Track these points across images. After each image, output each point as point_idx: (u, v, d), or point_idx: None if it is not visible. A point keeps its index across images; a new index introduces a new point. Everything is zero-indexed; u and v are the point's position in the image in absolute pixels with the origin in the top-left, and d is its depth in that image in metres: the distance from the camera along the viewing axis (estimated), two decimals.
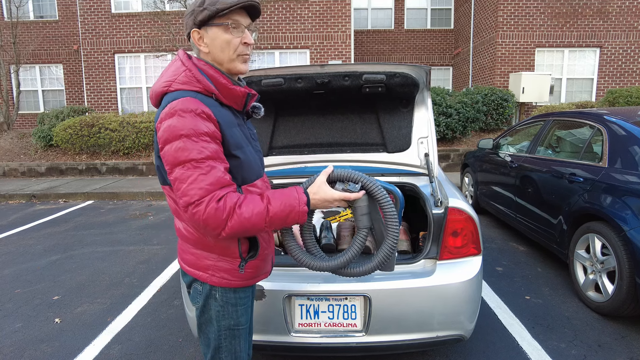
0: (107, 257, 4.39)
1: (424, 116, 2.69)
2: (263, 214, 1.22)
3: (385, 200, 1.35)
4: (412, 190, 2.53)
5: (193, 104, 1.20)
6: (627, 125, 3.13)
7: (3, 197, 7.56)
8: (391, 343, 2.01)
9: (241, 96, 1.34)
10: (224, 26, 1.28)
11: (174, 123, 1.18)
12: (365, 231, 1.37)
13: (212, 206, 1.16)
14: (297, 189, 1.30)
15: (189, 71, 1.28)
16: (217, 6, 1.25)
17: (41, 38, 13.43)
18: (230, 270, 1.35)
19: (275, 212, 1.23)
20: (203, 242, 1.33)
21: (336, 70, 2.35)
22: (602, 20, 10.96)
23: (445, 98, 9.22)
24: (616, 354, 2.48)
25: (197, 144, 1.18)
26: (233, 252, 1.34)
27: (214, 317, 1.38)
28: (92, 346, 2.72)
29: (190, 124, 1.18)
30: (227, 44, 1.29)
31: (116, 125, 9.18)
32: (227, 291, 1.37)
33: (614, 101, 9.35)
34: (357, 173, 1.35)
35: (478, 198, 5.50)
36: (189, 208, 1.18)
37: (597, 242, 2.98)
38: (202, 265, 1.35)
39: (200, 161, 1.17)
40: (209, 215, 1.16)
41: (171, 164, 1.19)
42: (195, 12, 1.28)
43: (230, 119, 1.30)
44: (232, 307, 1.38)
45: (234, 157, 1.28)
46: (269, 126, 2.80)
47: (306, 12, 11.46)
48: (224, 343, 1.40)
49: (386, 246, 1.39)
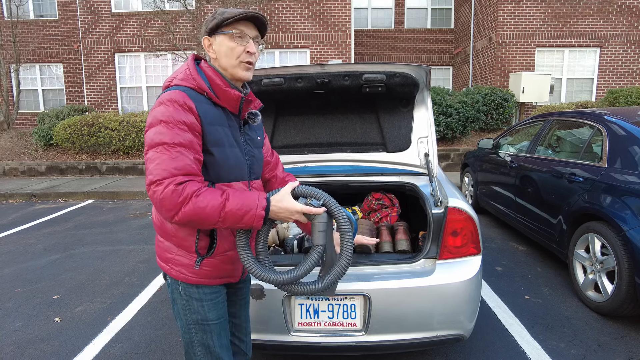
0: (107, 257, 4.40)
1: (424, 116, 2.69)
2: (219, 207, 1.25)
3: (344, 220, 1.38)
4: (412, 190, 2.53)
5: (179, 96, 1.29)
6: (626, 125, 3.14)
7: (3, 197, 7.56)
8: (391, 342, 2.01)
9: (235, 99, 1.40)
10: (229, 34, 1.37)
11: (159, 110, 1.28)
12: (320, 248, 1.36)
13: (170, 188, 1.21)
14: (260, 193, 1.33)
15: (188, 70, 1.39)
16: (224, 15, 1.36)
17: (41, 37, 13.43)
18: (187, 265, 1.40)
19: (231, 208, 1.26)
20: (164, 229, 1.40)
21: (336, 70, 2.35)
22: (602, 20, 10.96)
23: (445, 98, 9.22)
24: (615, 354, 2.48)
25: (172, 130, 1.26)
26: (189, 246, 1.38)
27: (181, 311, 1.44)
28: (92, 345, 2.72)
29: (171, 112, 1.27)
30: (230, 50, 1.38)
31: (116, 125, 9.18)
32: (189, 286, 1.42)
33: (614, 101, 9.35)
34: (320, 192, 1.39)
35: (478, 198, 5.51)
36: (151, 187, 1.23)
37: (596, 242, 2.99)
38: (165, 257, 1.43)
39: (171, 145, 1.25)
40: (165, 196, 1.22)
41: (147, 145, 1.28)
42: (208, 22, 1.40)
43: (217, 117, 1.37)
44: (197, 302, 1.42)
45: (209, 153, 1.34)
46: (269, 126, 2.81)
47: (306, 12, 11.45)
48: (196, 337, 1.44)
49: (338, 267, 1.40)
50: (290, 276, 1.36)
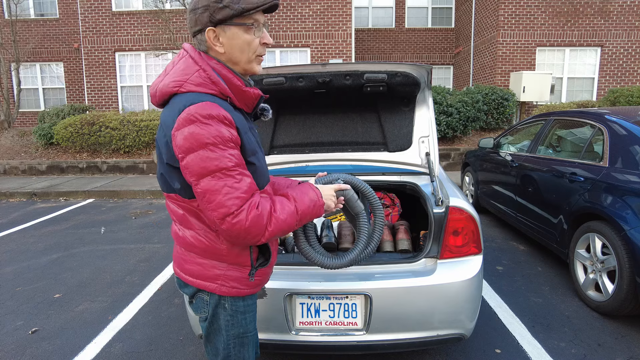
0: (108, 256, 4.40)
1: (425, 115, 2.69)
2: (294, 213, 1.24)
3: (365, 187, 1.60)
4: (413, 190, 2.53)
5: (214, 108, 1.12)
6: (627, 125, 3.13)
7: (4, 195, 7.56)
8: (392, 342, 2.01)
9: (254, 98, 1.28)
10: (246, 26, 1.20)
11: (196, 131, 1.10)
12: (364, 215, 1.55)
13: (254, 213, 1.14)
14: (309, 184, 1.35)
15: (203, 71, 1.19)
16: (242, 5, 1.17)
17: (42, 36, 13.43)
18: (240, 279, 1.31)
19: (303, 209, 1.27)
20: (214, 251, 1.27)
21: (337, 70, 2.35)
22: (603, 19, 10.95)
23: (446, 97, 9.22)
24: (616, 353, 2.48)
25: (225, 151, 1.12)
26: (245, 260, 1.31)
27: (223, 326, 1.34)
28: (94, 344, 2.73)
29: (215, 131, 1.11)
30: (247, 45, 1.22)
31: (117, 124, 9.18)
32: (237, 300, 1.33)
33: (615, 100, 9.34)
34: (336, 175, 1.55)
35: (478, 197, 5.51)
36: (227, 219, 1.13)
37: (597, 241, 2.99)
38: (210, 275, 1.29)
39: (231, 169, 1.13)
40: (252, 224, 1.14)
41: (198, 174, 1.12)
42: (211, 9, 1.17)
43: (244, 123, 1.24)
44: (241, 316, 1.35)
45: (250, 163, 1.23)
46: (270, 125, 2.80)
47: (307, 11, 11.45)
48: (233, 352, 1.37)
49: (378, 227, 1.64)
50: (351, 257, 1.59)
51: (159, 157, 1.26)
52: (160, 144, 1.22)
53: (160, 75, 1.28)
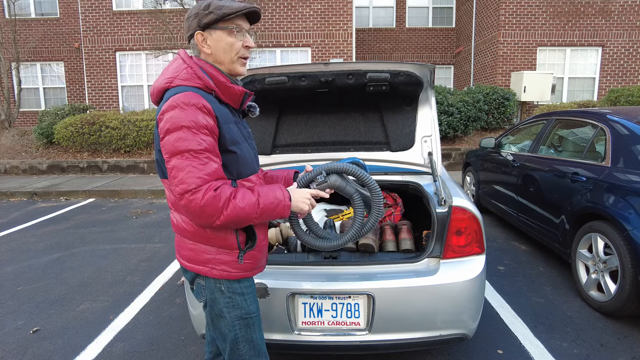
0: (109, 255, 4.40)
1: (427, 115, 2.69)
2: (255, 205, 1.29)
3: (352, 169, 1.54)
4: (416, 189, 2.52)
5: (194, 97, 1.25)
6: (630, 125, 3.13)
7: (4, 195, 7.56)
8: (394, 342, 2.01)
9: (239, 94, 1.40)
10: (228, 30, 1.35)
11: (175, 114, 1.23)
12: (357, 195, 1.54)
13: (210, 194, 1.22)
14: (280, 186, 1.40)
15: (190, 68, 1.33)
16: (223, 10, 1.31)
17: (42, 35, 13.42)
18: (229, 262, 1.39)
19: (266, 204, 1.32)
20: (201, 234, 1.37)
21: (340, 69, 2.35)
22: (604, 19, 10.94)
23: (447, 97, 9.21)
24: (618, 354, 2.48)
25: (197, 135, 1.23)
26: (231, 243, 1.39)
27: (224, 309, 1.41)
28: (95, 344, 2.72)
29: (191, 116, 1.23)
30: (230, 46, 1.36)
31: (117, 124, 9.18)
32: (232, 282, 1.41)
33: (616, 100, 9.34)
34: (318, 168, 1.54)
35: (480, 197, 5.50)
36: (186, 195, 1.22)
37: (599, 241, 2.98)
38: (201, 259, 1.39)
39: (198, 152, 1.23)
40: (206, 203, 1.22)
41: (170, 152, 1.24)
42: (200, 15, 1.33)
43: (227, 115, 1.36)
44: (239, 297, 1.42)
45: (230, 152, 1.35)
46: (272, 124, 2.80)
47: (308, 11, 11.44)
48: (240, 333, 1.43)
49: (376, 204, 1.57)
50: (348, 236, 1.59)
51: (155, 145, 1.38)
52: (155, 132, 1.37)
53: (159, 77, 1.42)
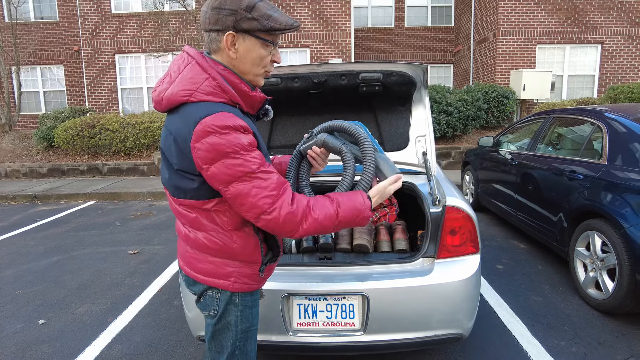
0: (108, 258, 4.41)
1: (421, 115, 2.68)
2: (333, 217, 1.26)
3: (337, 122, 1.46)
4: (410, 189, 2.52)
5: (229, 119, 1.15)
6: (627, 122, 3.12)
7: (5, 198, 7.58)
8: (389, 342, 2.00)
9: (259, 102, 1.33)
10: (266, 43, 1.24)
11: (215, 142, 1.13)
12: (346, 151, 1.43)
13: (287, 210, 1.20)
14: (362, 193, 1.33)
15: (212, 80, 1.20)
16: (271, 24, 1.20)
17: (42, 39, 13.47)
18: (251, 275, 1.36)
19: (344, 215, 1.28)
20: (226, 250, 1.31)
21: (333, 70, 2.35)
22: (603, 16, 10.91)
23: (446, 96, 9.19)
24: (616, 352, 2.47)
25: (246, 155, 1.16)
26: (257, 257, 1.36)
27: (233, 322, 1.37)
28: (93, 346, 2.73)
29: (233, 140, 1.14)
30: (260, 59, 1.26)
31: (117, 126, 9.20)
32: (246, 295, 1.38)
33: (616, 98, 9.31)
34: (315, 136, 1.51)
35: (479, 196, 5.49)
36: (262, 217, 1.19)
37: (597, 239, 2.97)
38: (223, 272, 1.33)
39: (256, 171, 1.17)
40: (285, 220, 1.20)
41: (225, 182, 1.17)
42: (239, 15, 1.18)
43: (254, 127, 1.29)
44: (249, 310, 1.40)
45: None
46: (266, 126, 2.80)
47: (306, 11, 11.44)
48: (239, 347, 1.40)
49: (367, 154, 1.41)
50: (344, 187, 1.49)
51: (166, 164, 1.28)
52: (168, 151, 1.24)
53: (164, 81, 1.26)
